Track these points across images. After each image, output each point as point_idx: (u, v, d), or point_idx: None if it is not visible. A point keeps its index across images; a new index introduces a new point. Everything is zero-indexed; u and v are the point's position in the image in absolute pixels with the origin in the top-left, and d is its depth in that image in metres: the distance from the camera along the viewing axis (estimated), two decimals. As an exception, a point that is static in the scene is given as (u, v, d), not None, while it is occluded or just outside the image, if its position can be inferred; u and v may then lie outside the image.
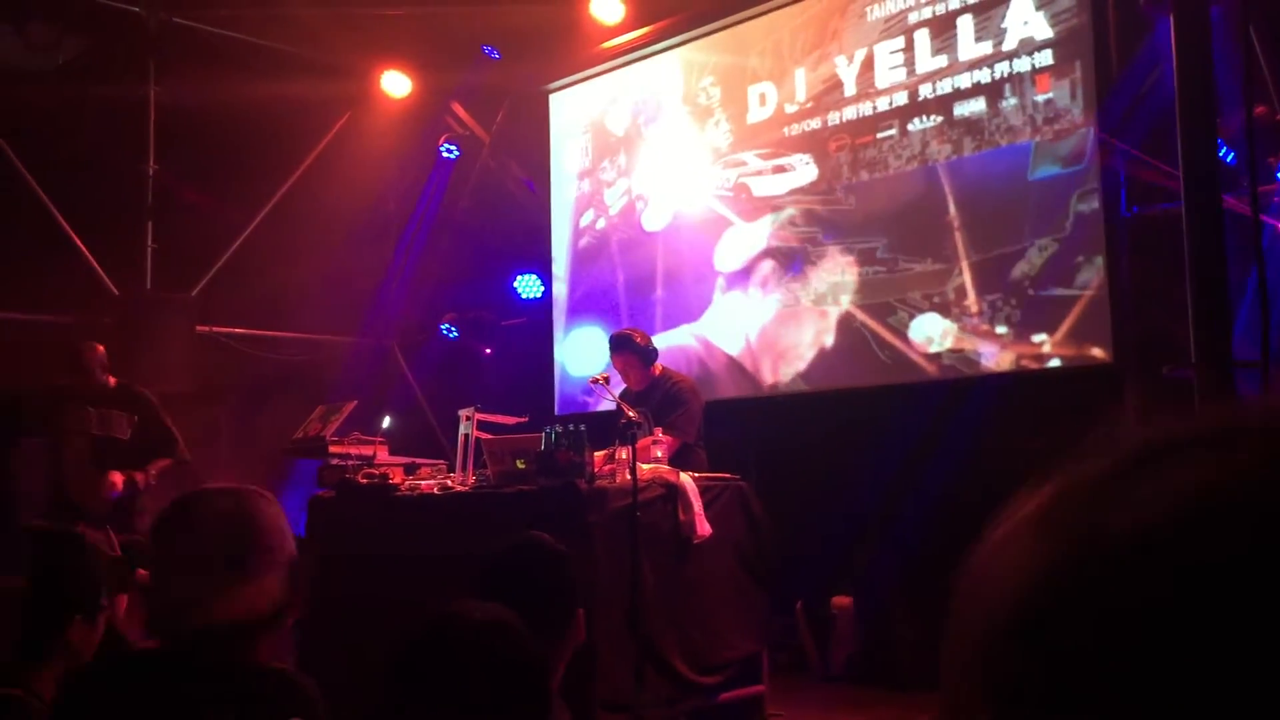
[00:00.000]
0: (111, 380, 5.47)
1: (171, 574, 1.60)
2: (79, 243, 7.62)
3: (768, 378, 6.74)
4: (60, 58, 7.61)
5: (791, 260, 6.71)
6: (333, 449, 5.70)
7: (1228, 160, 5.03)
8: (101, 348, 5.48)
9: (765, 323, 6.78)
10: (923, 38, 6.21)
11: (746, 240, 6.94)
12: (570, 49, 8.04)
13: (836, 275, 6.48)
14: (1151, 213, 5.35)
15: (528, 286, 8.59)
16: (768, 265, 6.82)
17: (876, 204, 6.36)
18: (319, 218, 8.14)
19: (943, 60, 6.12)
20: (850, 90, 6.53)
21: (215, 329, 8.01)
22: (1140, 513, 0.37)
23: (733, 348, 6.94)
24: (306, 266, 7.93)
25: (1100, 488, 0.39)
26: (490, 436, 4.98)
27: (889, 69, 6.35)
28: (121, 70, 7.77)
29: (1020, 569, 0.39)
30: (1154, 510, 0.36)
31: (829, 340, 6.46)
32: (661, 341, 6.19)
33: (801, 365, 6.58)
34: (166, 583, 1.60)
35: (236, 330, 8.17)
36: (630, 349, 5.48)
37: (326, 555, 5.00)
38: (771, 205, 6.87)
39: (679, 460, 5.01)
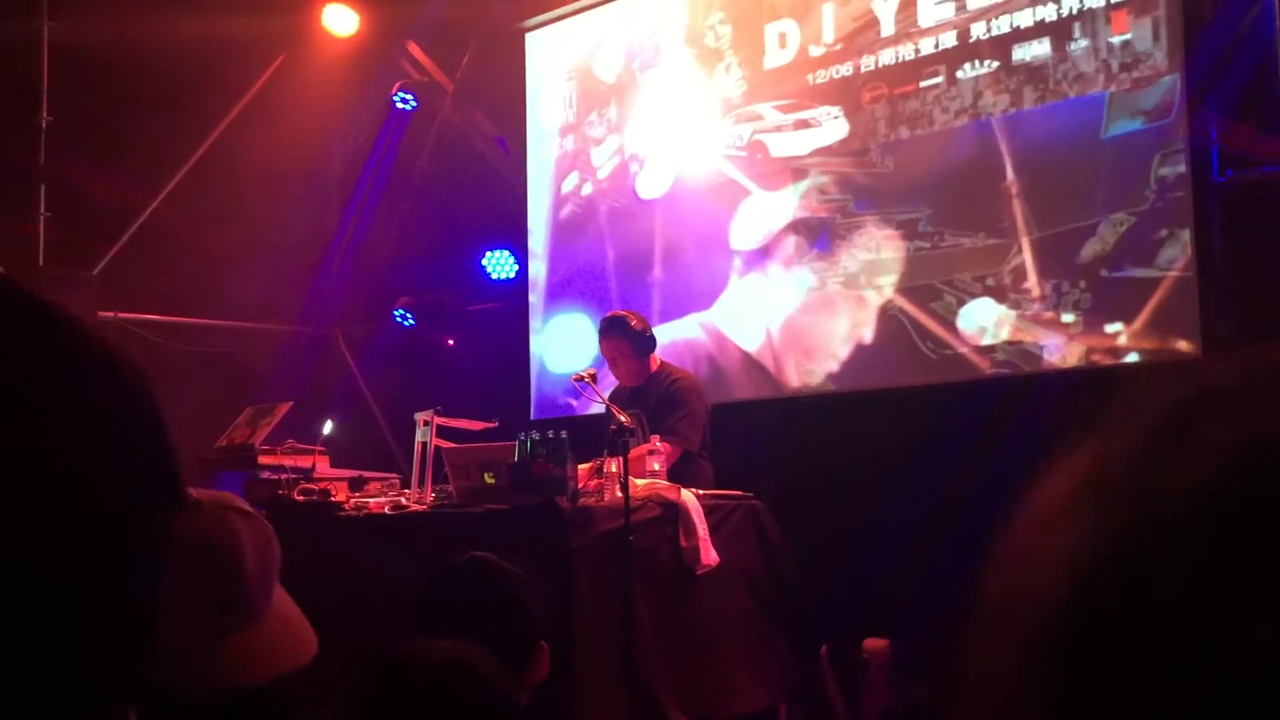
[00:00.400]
0: None
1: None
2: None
3: (793, 379, 6.73)
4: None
5: (818, 234, 6.71)
6: (263, 459, 5.70)
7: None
8: None
9: (790, 312, 6.77)
10: (975, -34, 6.21)
11: (768, 212, 6.94)
12: (551, -22, 8.05)
13: (871, 253, 6.48)
14: (1249, 177, 5.35)
15: (499, 265, 8.57)
16: (791, 242, 6.81)
17: (919, 167, 6.36)
18: (248, 182, 8.11)
19: (999, -6, 6.12)
20: (888, 30, 6.53)
21: (121, 314, 7.98)
22: (1208, 465, 0.36)
23: (750, 343, 6.94)
24: (233, 240, 7.91)
25: (1152, 449, 0.39)
26: (453, 445, 4.97)
27: (935, 4, 6.35)
28: (7, 2, 7.74)
29: (1069, 557, 0.38)
30: (1223, 459, 0.36)
31: (867, 333, 6.45)
32: (662, 333, 6.19)
33: (834, 364, 6.57)
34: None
35: (147, 316, 8.13)
36: (622, 334, 5.49)
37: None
38: (792, 168, 6.86)
39: (679, 473, 5.01)
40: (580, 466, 4.61)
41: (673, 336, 7.07)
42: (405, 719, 1.44)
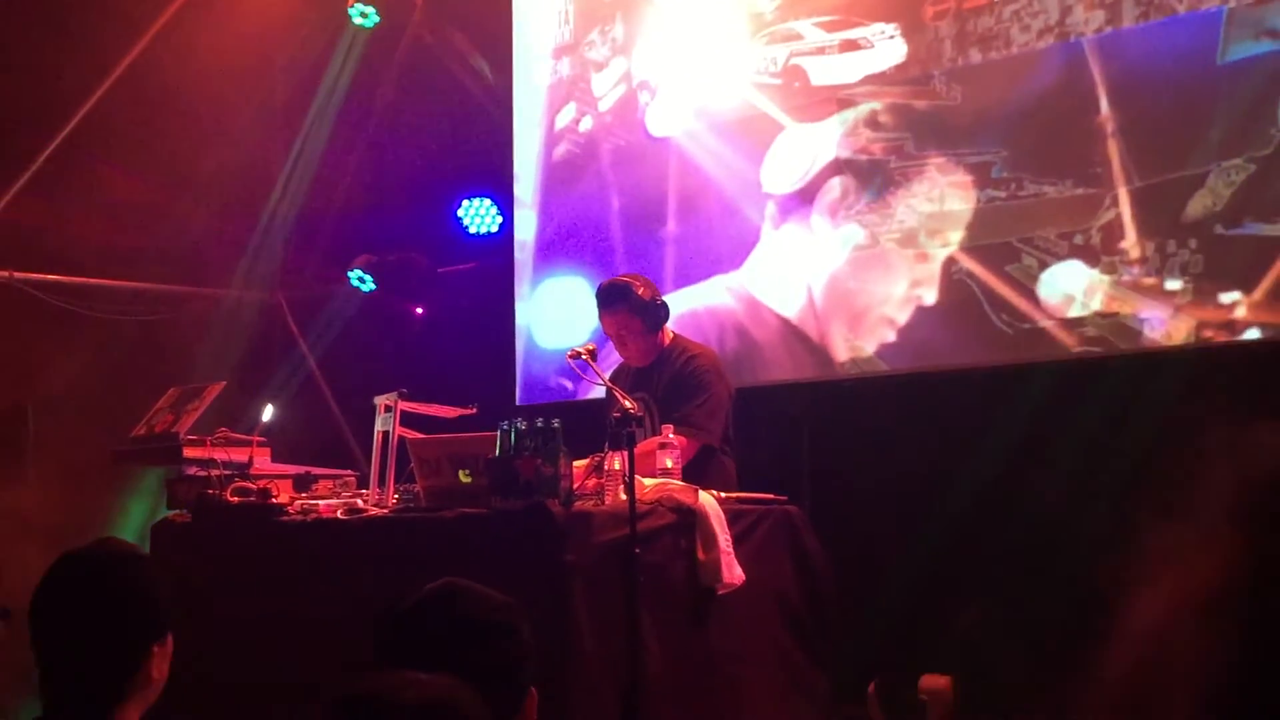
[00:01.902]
0: None
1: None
2: None
3: (841, 352, 6.72)
4: None
5: (870, 179, 6.68)
6: (189, 452, 5.68)
7: None
8: None
9: (836, 269, 6.75)
10: None
11: (807, 147, 6.92)
12: None
13: (933, 204, 6.45)
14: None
15: (478, 217, 8.56)
16: (838, 184, 6.79)
17: (993, 98, 6.33)
18: (173, 112, 8.09)
19: (1094, -116, 6.07)
20: (956, -71, 6.50)
21: (16, 274, 7.97)
22: None
23: (789, 307, 6.92)
24: (153, 184, 7.89)
25: None
26: (421, 436, 4.95)
27: (1014, -102, 6.31)
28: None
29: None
30: None
31: (930, 295, 6.43)
32: (678, 300, 6.17)
33: (890, 333, 6.56)
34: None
35: (47, 276, 8.12)
36: (628, 304, 5.46)
37: (177, 608, 4.97)
38: (838, 99, 6.83)
39: (696, 472, 4.99)
40: (576, 463, 4.58)
41: (692, 304, 7.06)
42: None
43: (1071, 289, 6.03)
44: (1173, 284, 5.75)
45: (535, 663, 2.42)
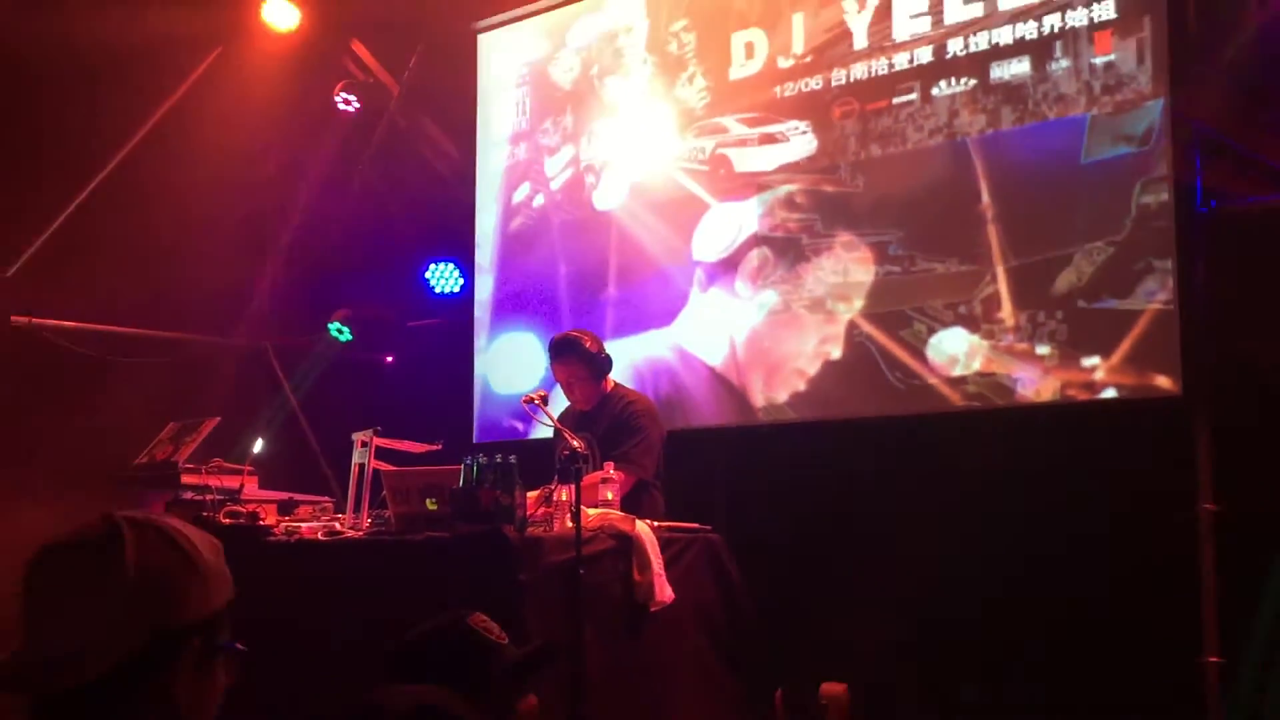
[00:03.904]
0: None
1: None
2: None
3: (757, 398, 6.71)
4: None
5: (785, 252, 6.70)
6: (186, 478, 5.62)
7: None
8: None
9: (755, 326, 6.77)
10: (953, -20, 6.25)
11: (732, 222, 6.93)
12: (507, -22, 8.03)
13: (839, 275, 6.48)
14: (1233, 209, 5.39)
15: (443, 279, 8.53)
16: (757, 255, 6.81)
17: (891, 187, 6.37)
18: (177, 183, 8.01)
19: (978, 9, 6.14)
20: (861, 42, 6.55)
21: (36, 320, 7.85)
22: None
23: (714, 357, 6.92)
24: (159, 244, 7.80)
25: None
26: (393, 469, 4.91)
27: (910, 17, 6.37)
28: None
29: None
30: None
31: (835, 352, 6.45)
32: (617, 350, 6.14)
33: (800, 384, 6.57)
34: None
35: (64, 323, 8.01)
36: (576, 355, 5.46)
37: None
38: (757, 184, 6.86)
39: (631, 503, 4.98)
40: (529, 494, 4.55)
41: (630, 354, 7.04)
42: None
43: (955, 351, 6.06)
44: (1042, 349, 5.79)
45: (528, 675, 2.42)
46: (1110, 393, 5.60)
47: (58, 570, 1.58)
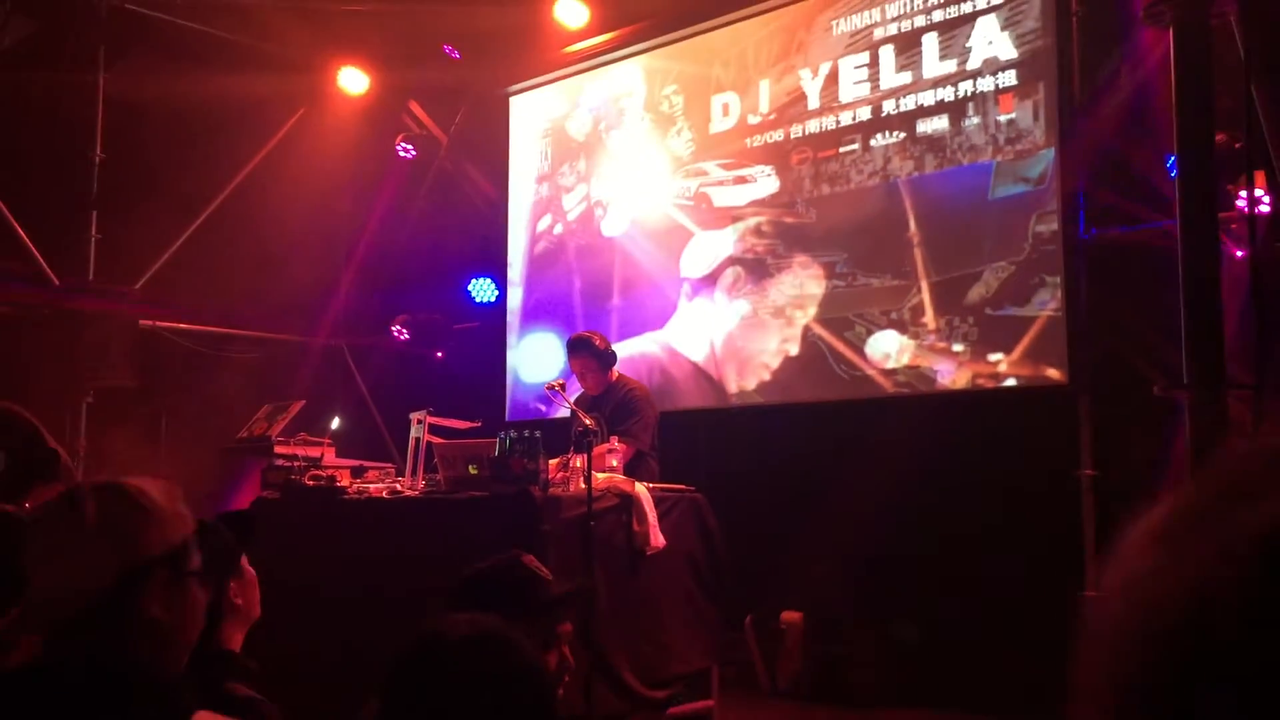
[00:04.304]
0: None
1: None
2: (20, 231, 7.42)
3: (732, 386, 6.71)
4: (7, 40, 7.41)
5: (754, 270, 6.70)
6: (278, 449, 5.61)
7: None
8: None
9: (730, 329, 6.76)
10: (888, 54, 6.22)
11: (712, 247, 6.93)
12: (532, 51, 7.99)
13: (796, 288, 6.47)
14: (1109, 235, 5.39)
15: (482, 291, 8.52)
16: (731, 273, 6.81)
17: (837, 218, 6.36)
18: (270, 214, 8.00)
19: (907, 77, 6.13)
20: (814, 103, 6.54)
21: (159, 323, 7.84)
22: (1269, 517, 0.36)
23: (697, 354, 6.92)
24: (255, 263, 7.80)
25: (1226, 498, 0.38)
26: (442, 441, 4.90)
27: (853, 84, 6.36)
28: (70, 55, 7.60)
29: (1157, 590, 0.36)
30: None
31: (793, 349, 6.45)
32: (621, 349, 6.14)
33: (765, 374, 6.57)
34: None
35: (181, 326, 8.00)
36: (589, 351, 5.45)
37: (270, 557, 4.89)
38: (732, 215, 6.85)
39: (631, 469, 4.97)
40: (550, 461, 4.55)
41: (630, 352, 7.04)
42: (440, 689, 1.37)
43: (888, 349, 6.06)
44: (957, 347, 5.79)
45: (567, 606, 2.44)
46: (1011, 382, 5.60)
47: (40, 534, 1.63)
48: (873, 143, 6.24)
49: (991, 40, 5.82)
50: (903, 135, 6.11)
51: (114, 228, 7.73)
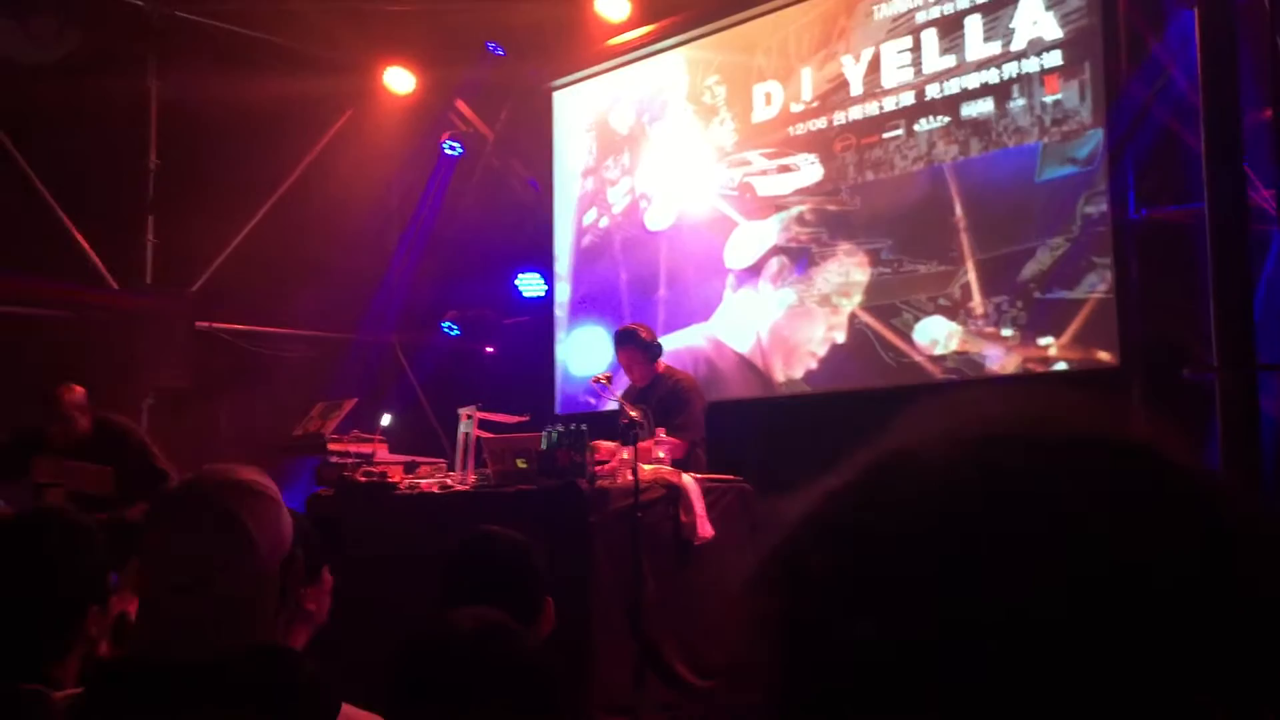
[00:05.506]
0: (87, 424, 4.98)
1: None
2: (79, 237, 7.58)
3: (779, 375, 6.69)
4: (62, 51, 7.56)
5: (798, 260, 6.67)
6: (331, 446, 5.65)
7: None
8: (80, 389, 5.00)
9: (776, 319, 6.74)
10: (930, 37, 6.16)
11: (756, 237, 6.91)
12: (575, 46, 8.00)
13: (842, 276, 6.44)
14: (1160, 215, 5.30)
15: (530, 285, 8.55)
16: (776, 262, 6.78)
17: (882, 205, 6.32)
18: (321, 214, 8.09)
19: (950, 60, 6.07)
20: (856, 90, 6.49)
21: (215, 325, 7.97)
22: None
23: (743, 345, 6.90)
24: (308, 263, 7.89)
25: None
26: (491, 436, 4.94)
27: (896, 69, 6.31)
28: (123, 64, 7.73)
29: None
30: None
31: (840, 337, 6.41)
32: (666, 341, 6.13)
33: (812, 363, 6.54)
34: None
35: (236, 326, 8.12)
36: (635, 343, 5.45)
37: (324, 553, 4.96)
38: (776, 205, 6.83)
39: (679, 461, 4.97)
40: (605, 444, 4.56)
41: (676, 345, 7.04)
42: (445, 682, 1.38)
43: (936, 335, 6.01)
44: (1006, 332, 5.73)
45: (549, 579, 2.42)
46: (1061, 366, 5.53)
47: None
48: (917, 128, 6.18)
49: (1036, 20, 5.74)
50: (947, 119, 6.05)
51: (169, 232, 7.87)
